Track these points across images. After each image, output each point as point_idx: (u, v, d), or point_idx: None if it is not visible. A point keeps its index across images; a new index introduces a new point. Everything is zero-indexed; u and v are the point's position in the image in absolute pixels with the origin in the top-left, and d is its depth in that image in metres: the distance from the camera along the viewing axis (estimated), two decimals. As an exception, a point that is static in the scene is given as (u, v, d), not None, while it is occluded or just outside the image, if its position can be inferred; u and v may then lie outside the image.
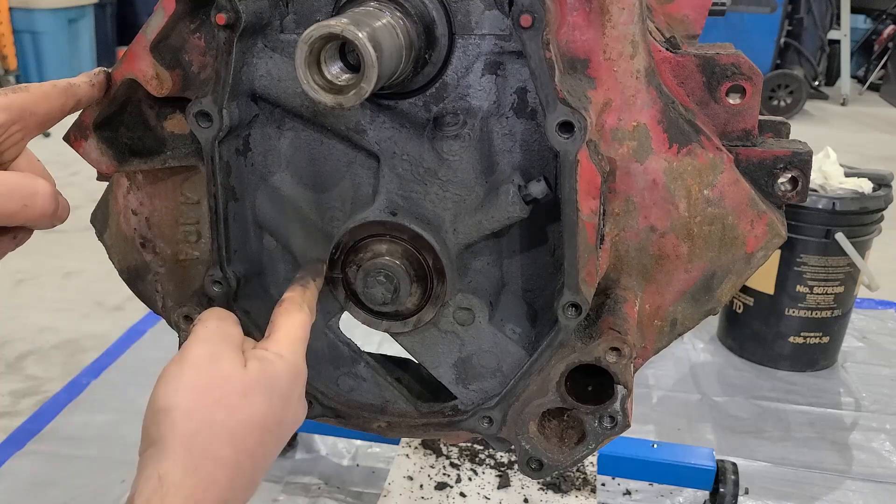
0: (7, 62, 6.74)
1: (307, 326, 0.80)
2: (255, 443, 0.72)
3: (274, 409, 0.74)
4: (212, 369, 0.72)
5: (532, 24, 0.72)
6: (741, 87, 0.83)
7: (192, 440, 0.68)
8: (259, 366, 0.74)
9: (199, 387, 0.71)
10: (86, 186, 4.74)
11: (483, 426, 0.89)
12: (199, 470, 0.67)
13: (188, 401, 0.70)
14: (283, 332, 0.78)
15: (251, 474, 0.72)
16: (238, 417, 0.71)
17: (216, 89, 0.79)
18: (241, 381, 0.72)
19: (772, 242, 0.87)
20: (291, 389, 0.76)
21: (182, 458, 0.67)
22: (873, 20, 8.46)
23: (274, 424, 0.74)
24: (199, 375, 0.71)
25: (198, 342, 0.75)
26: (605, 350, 0.82)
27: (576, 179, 0.76)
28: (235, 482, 0.70)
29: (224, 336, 0.76)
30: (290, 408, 0.77)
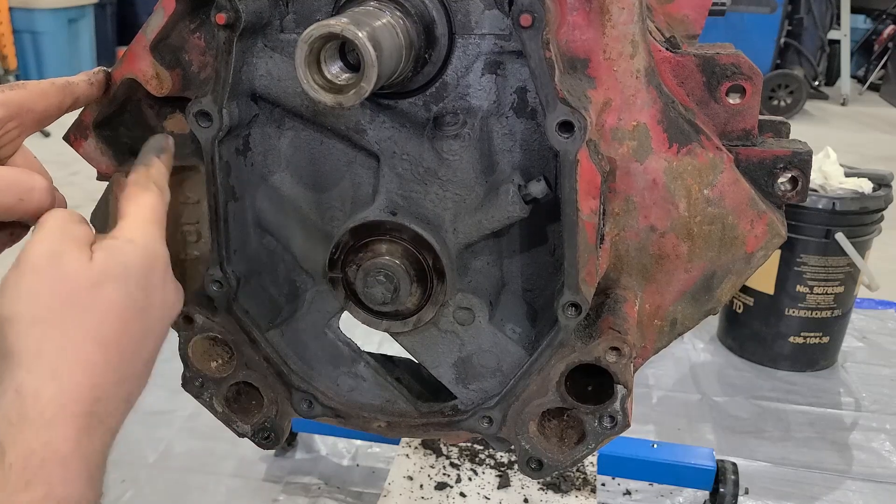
0: (7, 62, 6.74)
1: (158, 207, 0.77)
2: (117, 333, 0.69)
3: (132, 297, 0.71)
4: (53, 269, 0.69)
5: (532, 24, 0.72)
6: (741, 87, 0.83)
7: (43, 345, 0.66)
8: (106, 255, 0.71)
9: (42, 289, 0.68)
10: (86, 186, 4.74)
11: (483, 426, 0.89)
12: (58, 373, 0.65)
13: (32, 307, 0.67)
14: (130, 217, 0.75)
15: (123, 367, 0.69)
16: (91, 313, 0.68)
17: (216, 89, 0.79)
18: (86, 275, 0.69)
19: (772, 242, 0.87)
20: (149, 273, 0.73)
21: (36, 366, 0.65)
22: (873, 20, 8.46)
23: (136, 311, 0.71)
24: (39, 278, 0.68)
25: (34, 244, 0.71)
26: (605, 350, 0.82)
27: (576, 179, 0.76)
28: (104, 378, 0.68)
29: (64, 233, 0.72)
30: (154, 293, 0.74)
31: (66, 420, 0.65)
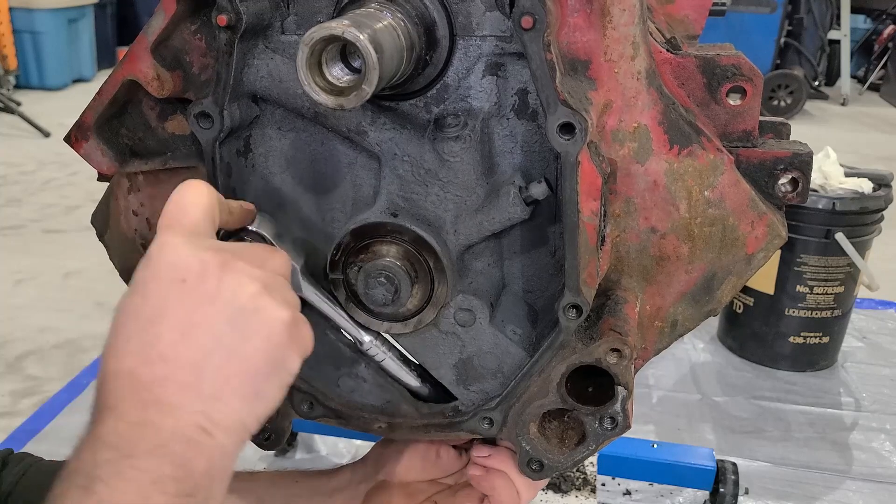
0: (7, 62, 6.75)
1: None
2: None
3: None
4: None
5: (533, 26, 0.72)
6: (742, 88, 0.83)
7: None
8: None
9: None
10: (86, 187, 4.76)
11: (483, 427, 0.89)
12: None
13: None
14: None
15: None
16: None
17: (217, 90, 0.79)
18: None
19: (772, 243, 0.87)
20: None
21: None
22: (873, 20, 8.46)
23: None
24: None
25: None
26: (606, 351, 0.82)
27: (577, 181, 0.76)
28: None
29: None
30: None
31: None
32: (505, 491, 0.94)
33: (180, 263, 0.68)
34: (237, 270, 0.69)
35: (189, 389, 0.66)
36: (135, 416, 0.64)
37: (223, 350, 0.67)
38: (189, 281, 0.67)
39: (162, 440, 0.63)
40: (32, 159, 5.31)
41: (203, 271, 0.68)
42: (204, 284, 0.68)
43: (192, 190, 0.73)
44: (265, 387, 0.70)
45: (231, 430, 0.67)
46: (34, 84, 7.13)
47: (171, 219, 0.71)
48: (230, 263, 0.69)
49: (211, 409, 0.66)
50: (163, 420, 0.64)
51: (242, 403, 0.68)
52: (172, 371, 0.66)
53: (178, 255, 0.68)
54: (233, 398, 0.68)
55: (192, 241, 0.69)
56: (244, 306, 0.69)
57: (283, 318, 0.70)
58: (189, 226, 0.71)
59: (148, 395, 0.65)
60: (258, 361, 0.69)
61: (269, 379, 0.70)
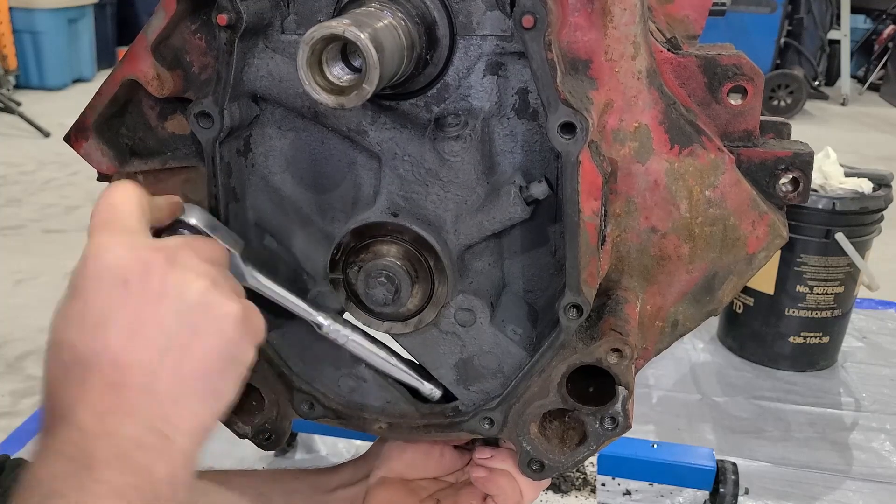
0: (7, 62, 6.75)
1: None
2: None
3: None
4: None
5: (534, 25, 0.72)
6: (742, 88, 0.83)
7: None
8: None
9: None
10: (86, 186, 4.76)
11: (484, 427, 0.89)
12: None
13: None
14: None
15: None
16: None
17: (217, 90, 0.79)
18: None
19: (773, 243, 0.87)
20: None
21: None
22: (873, 20, 8.46)
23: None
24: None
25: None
26: (607, 351, 0.82)
27: (577, 180, 0.76)
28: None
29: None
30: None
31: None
32: (509, 490, 0.94)
33: (120, 264, 0.66)
34: (181, 266, 0.68)
35: (145, 394, 0.64)
36: (91, 426, 0.62)
37: (176, 350, 0.66)
38: (132, 281, 0.65)
39: (121, 449, 0.61)
40: (32, 159, 5.31)
41: (146, 270, 0.66)
42: (148, 284, 0.66)
43: (120, 190, 0.71)
44: (222, 384, 0.69)
45: (191, 433, 0.66)
46: (34, 84, 7.13)
47: (102, 219, 0.69)
48: (172, 260, 0.68)
49: (169, 413, 0.65)
50: (120, 428, 0.62)
51: (201, 404, 0.67)
52: (125, 376, 0.64)
53: (117, 256, 0.66)
54: (191, 399, 0.66)
55: (129, 241, 0.68)
56: (193, 303, 0.67)
57: (233, 311, 0.69)
58: (123, 225, 0.69)
59: (102, 402, 0.63)
60: (213, 359, 0.67)
61: (225, 375, 0.69)
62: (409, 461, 1.02)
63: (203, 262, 0.70)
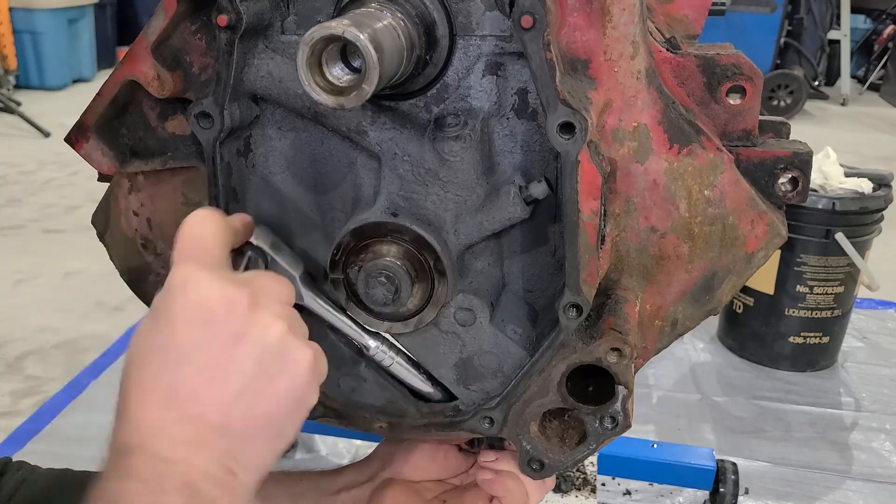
0: (7, 62, 6.75)
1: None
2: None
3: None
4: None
5: (533, 26, 0.72)
6: (742, 88, 0.83)
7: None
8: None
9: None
10: (86, 186, 4.76)
11: (484, 427, 0.89)
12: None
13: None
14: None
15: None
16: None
17: (217, 90, 0.79)
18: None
19: (772, 243, 0.87)
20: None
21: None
22: (873, 20, 8.46)
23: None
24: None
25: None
26: (606, 350, 0.82)
27: (577, 180, 0.76)
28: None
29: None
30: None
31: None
32: (515, 492, 0.95)
33: (206, 302, 0.68)
34: (261, 308, 0.70)
35: (218, 430, 0.67)
36: (166, 453, 0.65)
37: (251, 391, 0.68)
38: (216, 320, 0.68)
39: (191, 479, 0.64)
40: (32, 159, 5.31)
41: (230, 309, 0.69)
42: (232, 323, 0.69)
43: (206, 219, 0.74)
44: (287, 425, 0.72)
45: (254, 470, 0.69)
46: (34, 84, 7.13)
47: (188, 250, 0.72)
48: (254, 300, 0.70)
49: (238, 450, 0.67)
50: (192, 458, 0.65)
51: (266, 444, 0.70)
52: (202, 411, 0.67)
53: (203, 293, 0.69)
54: (258, 439, 0.69)
55: (214, 277, 0.70)
56: (271, 347, 0.69)
57: (307, 358, 0.71)
58: (208, 258, 0.72)
59: (178, 433, 0.66)
60: (283, 403, 0.70)
61: (291, 418, 0.72)
62: (414, 463, 1.02)
63: (280, 304, 0.73)
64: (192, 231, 0.73)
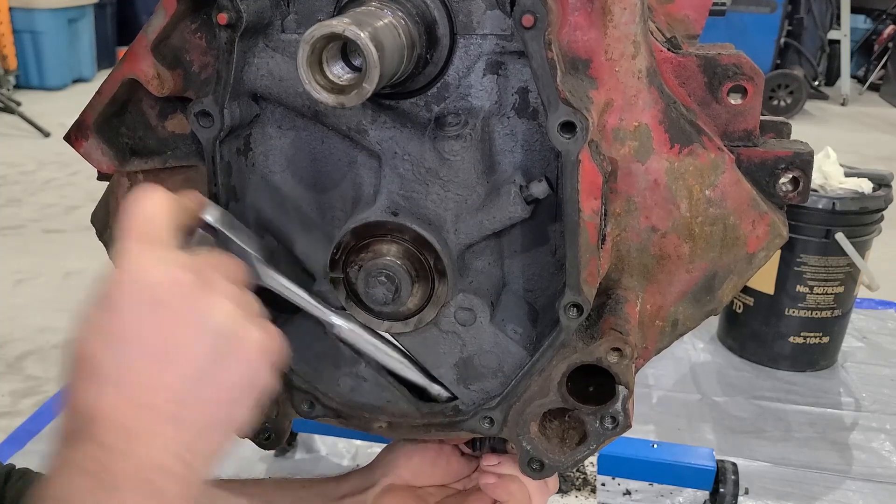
0: (7, 62, 6.75)
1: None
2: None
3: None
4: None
5: (534, 25, 0.72)
6: (742, 88, 0.83)
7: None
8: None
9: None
10: (86, 186, 4.76)
11: (484, 426, 0.89)
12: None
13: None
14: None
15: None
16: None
17: (217, 89, 0.79)
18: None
19: (773, 243, 0.87)
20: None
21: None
22: (873, 20, 8.45)
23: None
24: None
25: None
26: (607, 350, 0.82)
27: (577, 180, 0.76)
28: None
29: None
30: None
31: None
32: (519, 495, 0.95)
33: (153, 282, 0.66)
34: (210, 289, 0.68)
35: (170, 419, 0.64)
36: (114, 444, 0.62)
37: (203, 379, 0.66)
38: (164, 302, 0.65)
39: (142, 471, 0.62)
40: (32, 159, 5.31)
41: (179, 291, 0.66)
42: (178, 305, 0.66)
43: (152, 197, 0.71)
44: (241, 410, 0.70)
45: (209, 459, 0.67)
46: (34, 84, 7.13)
47: (137, 230, 0.69)
48: (203, 281, 0.68)
49: (192, 440, 0.65)
50: (143, 450, 0.63)
51: (221, 430, 0.68)
52: (153, 399, 0.64)
53: (152, 273, 0.66)
54: (213, 427, 0.67)
55: (159, 256, 0.67)
56: (221, 330, 0.67)
57: (259, 339, 0.69)
58: (156, 237, 0.69)
59: (128, 422, 0.63)
60: (237, 388, 0.68)
61: (245, 402, 0.70)
62: (417, 468, 1.02)
63: (230, 284, 0.71)
64: (137, 207, 0.70)
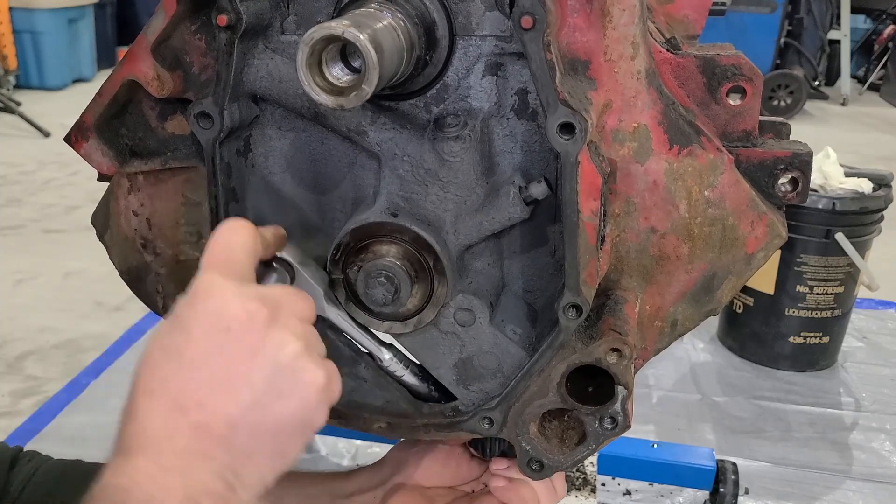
0: (7, 62, 6.74)
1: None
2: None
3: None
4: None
5: (533, 26, 0.72)
6: (741, 88, 0.83)
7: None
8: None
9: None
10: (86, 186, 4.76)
11: (484, 427, 0.89)
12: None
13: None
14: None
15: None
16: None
17: (217, 90, 0.80)
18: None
19: (772, 243, 0.87)
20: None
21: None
22: (873, 20, 8.45)
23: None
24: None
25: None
26: (606, 351, 0.82)
27: (576, 181, 0.76)
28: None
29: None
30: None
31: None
32: (529, 500, 0.96)
33: (227, 311, 0.68)
34: (280, 325, 0.70)
35: (223, 443, 0.66)
36: (168, 462, 0.64)
37: (259, 408, 0.68)
38: (234, 331, 0.67)
39: (192, 492, 0.64)
40: (32, 159, 5.31)
41: (249, 323, 0.68)
42: (249, 336, 0.68)
43: (238, 231, 0.74)
44: (292, 445, 0.71)
45: (253, 488, 0.68)
46: (34, 84, 7.13)
47: (217, 260, 0.71)
48: (274, 316, 0.70)
49: (240, 466, 0.67)
50: (194, 470, 0.65)
51: (269, 462, 0.69)
52: (209, 420, 0.66)
53: (225, 302, 0.68)
54: (261, 457, 0.68)
55: (237, 287, 0.70)
56: (285, 365, 0.69)
57: (319, 381, 0.70)
58: (234, 268, 0.71)
59: (182, 441, 0.65)
60: (291, 423, 0.69)
61: (295, 438, 0.71)
62: (427, 469, 1.03)
63: (300, 322, 0.73)
64: (223, 239, 0.73)
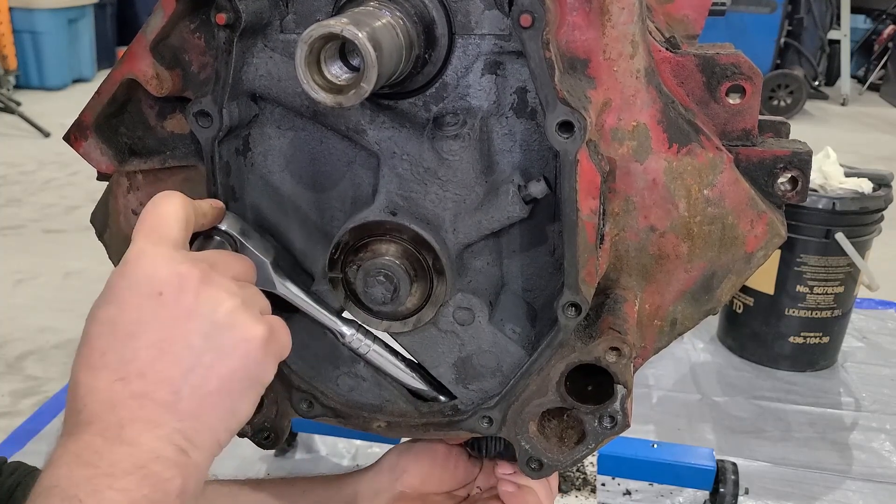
0: (7, 62, 6.75)
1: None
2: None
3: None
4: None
5: (532, 24, 0.72)
6: (741, 87, 0.83)
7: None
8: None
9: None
10: (86, 186, 4.76)
11: (483, 426, 0.89)
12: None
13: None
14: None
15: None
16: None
17: (216, 89, 0.79)
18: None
19: (772, 242, 0.87)
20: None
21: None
22: (873, 20, 8.45)
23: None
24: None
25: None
26: (605, 350, 0.82)
27: (576, 179, 0.76)
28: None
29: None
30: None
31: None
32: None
33: (157, 276, 0.68)
34: (213, 284, 0.70)
35: (168, 408, 0.66)
36: (113, 434, 0.64)
37: (201, 368, 0.67)
38: (166, 294, 0.67)
39: (141, 460, 0.63)
40: (32, 159, 5.31)
41: (180, 285, 0.68)
42: (181, 299, 0.68)
43: (169, 201, 0.73)
44: (241, 402, 0.71)
45: (207, 449, 0.68)
46: (34, 84, 7.13)
47: (147, 227, 0.71)
48: (206, 276, 0.69)
49: (188, 429, 0.66)
50: (141, 439, 0.64)
51: (219, 422, 0.69)
52: (151, 388, 0.66)
53: (156, 268, 0.68)
54: (210, 417, 0.68)
55: (169, 254, 0.69)
56: (221, 323, 0.69)
57: (258, 334, 0.70)
58: (166, 235, 0.71)
59: (126, 412, 0.65)
60: (235, 379, 0.69)
61: (244, 395, 0.71)
62: (426, 473, 1.02)
63: (234, 280, 0.72)
64: (153, 209, 0.73)
